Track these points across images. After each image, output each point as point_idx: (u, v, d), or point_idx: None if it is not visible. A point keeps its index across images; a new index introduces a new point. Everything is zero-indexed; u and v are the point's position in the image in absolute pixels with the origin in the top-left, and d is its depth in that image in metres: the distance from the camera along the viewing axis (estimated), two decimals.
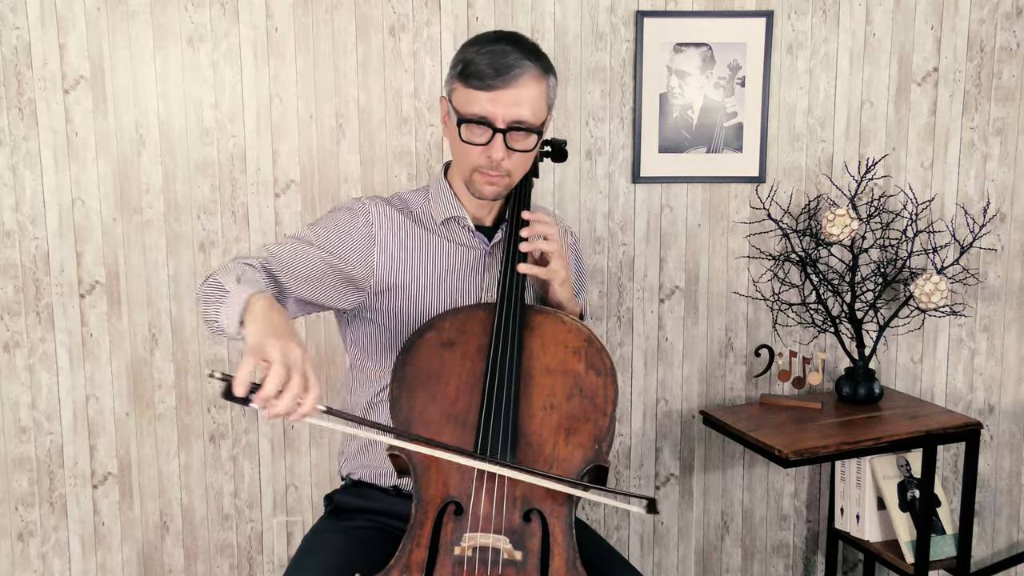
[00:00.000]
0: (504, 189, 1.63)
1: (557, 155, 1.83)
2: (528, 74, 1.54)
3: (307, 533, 1.77)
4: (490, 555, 1.43)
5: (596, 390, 1.53)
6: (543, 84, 1.58)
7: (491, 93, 1.53)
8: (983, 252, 2.56)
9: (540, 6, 2.32)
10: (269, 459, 2.41)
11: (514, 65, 1.53)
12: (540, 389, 1.52)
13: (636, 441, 2.53)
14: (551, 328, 1.56)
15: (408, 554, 1.45)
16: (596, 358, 1.54)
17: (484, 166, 1.58)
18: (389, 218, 1.67)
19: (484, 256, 1.70)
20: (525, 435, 1.50)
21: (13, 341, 2.29)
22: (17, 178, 2.24)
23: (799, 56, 2.42)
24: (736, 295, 2.51)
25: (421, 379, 1.54)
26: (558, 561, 1.44)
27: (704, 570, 2.62)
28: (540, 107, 1.58)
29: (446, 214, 1.69)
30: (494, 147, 1.55)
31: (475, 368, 1.53)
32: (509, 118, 1.54)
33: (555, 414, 1.51)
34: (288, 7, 2.26)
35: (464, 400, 1.52)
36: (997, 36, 2.47)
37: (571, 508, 1.48)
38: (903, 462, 2.43)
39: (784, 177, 2.47)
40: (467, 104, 1.55)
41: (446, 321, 1.57)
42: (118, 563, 2.41)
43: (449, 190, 1.70)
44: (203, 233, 2.31)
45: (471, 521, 1.45)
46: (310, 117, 2.30)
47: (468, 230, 1.70)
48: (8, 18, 2.18)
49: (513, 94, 1.53)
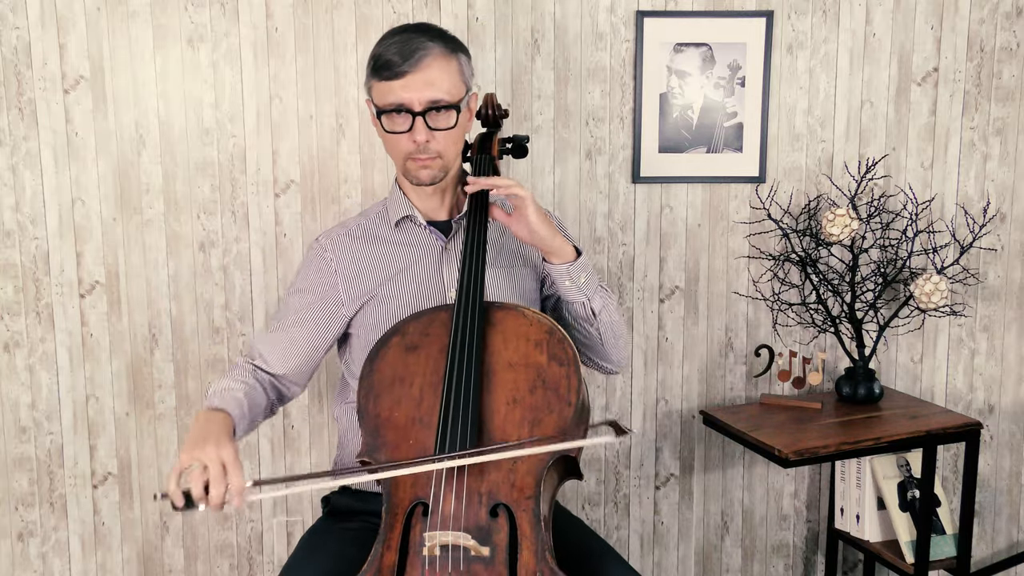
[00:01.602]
0: (440, 171, 1.67)
1: (517, 151, 1.85)
2: (432, 53, 1.60)
3: (304, 534, 1.79)
4: (457, 553, 1.45)
5: (559, 380, 1.53)
6: (453, 61, 1.63)
7: (402, 80, 1.59)
8: (983, 252, 2.56)
9: (540, 6, 2.32)
10: (269, 459, 2.41)
11: (418, 48, 1.59)
12: (502, 384, 1.53)
13: (636, 441, 2.53)
14: (512, 323, 1.57)
15: (380, 558, 1.46)
16: (558, 348, 1.54)
17: (413, 151, 1.63)
18: (342, 246, 1.76)
19: (441, 252, 1.74)
20: (489, 430, 1.51)
21: (13, 341, 2.29)
22: (17, 178, 2.24)
23: (799, 56, 2.42)
24: (736, 295, 2.51)
25: (386, 384, 1.56)
26: (527, 555, 1.44)
27: (704, 570, 2.62)
28: (454, 84, 1.63)
29: (399, 214, 1.75)
30: (417, 130, 1.61)
31: (437, 368, 1.55)
32: (424, 100, 1.60)
33: (519, 408, 1.52)
34: (288, 7, 2.26)
35: (428, 401, 1.54)
36: (997, 36, 2.47)
37: (539, 501, 1.48)
38: (903, 462, 2.43)
39: (784, 177, 2.47)
40: (383, 95, 1.62)
41: (410, 325, 1.60)
42: (118, 563, 2.41)
43: (399, 191, 1.76)
44: (203, 233, 2.31)
45: (434, 520, 1.46)
46: (310, 117, 2.30)
47: (422, 227, 1.75)
48: (8, 18, 2.18)
49: (423, 76, 1.59)
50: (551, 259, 1.66)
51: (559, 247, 1.65)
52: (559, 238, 1.65)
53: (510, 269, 1.76)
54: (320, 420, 2.41)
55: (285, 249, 2.33)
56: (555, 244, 1.64)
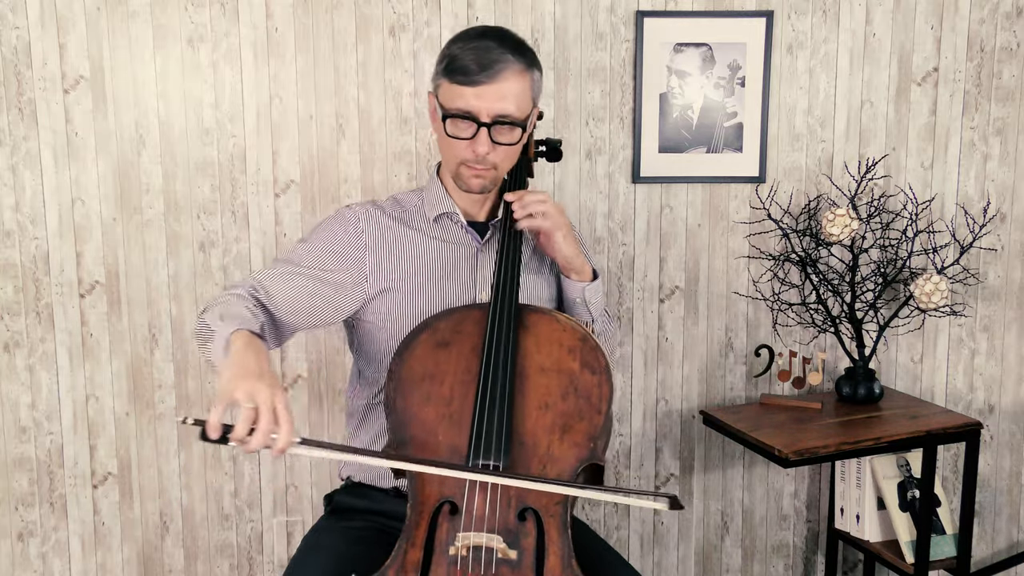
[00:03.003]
0: (491, 182, 1.65)
1: (552, 154, 1.84)
2: (511, 69, 1.56)
3: (307, 533, 1.78)
4: (484, 555, 1.44)
5: (591, 388, 1.52)
6: (527, 78, 1.60)
7: (475, 88, 1.55)
8: (983, 252, 2.56)
9: (540, 6, 2.32)
10: (269, 459, 2.41)
11: (498, 60, 1.55)
12: (535, 388, 1.52)
13: (636, 441, 2.53)
14: (546, 327, 1.56)
15: (404, 554, 1.45)
16: (591, 356, 1.54)
17: (470, 160, 1.60)
18: (377, 222, 1.69)
19: (476, 253, 1.71)
20: (519, 434, 1.50)
21: (13, 341, 2.29)
22: (17, 178, 2.24)
23: (799, 56, 2.42)
24: (736, 295, 2.51)
25: (416, 380, 1.54)
26: (553, 559, 1.44)
27: (704, 570, 2.62)
28: (524, 101, 1.60)
29: (438, 210, 1.71)
30: (479, 141, 1.58)
31: (469, 368, 1.53)
32: (493, 112, 1.56)
33: (550, 413, 1.51)
34: (288, 7, 2.26)
35: (459, 400, 1.52)
36: (997, 36, 2.47)
37: (567, 507, 1.47)
38: (903, 462, 2.43)
39: (784, 177, 2.47)
40: (452, 99, 1.58)
41: (441, 321, 1.58)
42: (118, 563, 2.41)
43: (441, 187, 1.72)
44: (203, 233, 2.31)
45: (465, 521, 1.45)
46: (310, 117, 2.30)
47: (460, 226, 1.72)
48: (8, 18, 2.18)
49: (497, 88, 1.56)
50: (570, 275, 1.71)
51: (580, 266, 1.70)
52: (581, 258, 1.70)
53: (541, 274, 1.75)
54: (320, 419, 2.41)
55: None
56: (576, 263, 1.69)
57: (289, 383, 2.38)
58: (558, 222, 1.64)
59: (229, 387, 1.32)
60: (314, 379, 2.39)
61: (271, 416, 1.29)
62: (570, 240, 1.66)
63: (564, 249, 1.66)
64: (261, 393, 1.30)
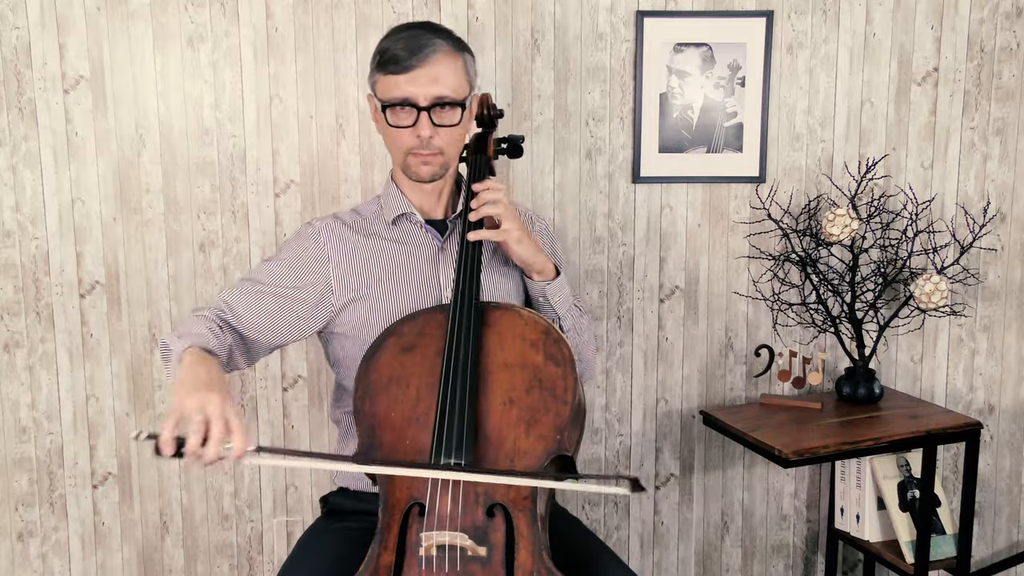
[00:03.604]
0: (440, 168, 1.68)
1: (513, 151, 1.86)
2: (441, 51, 1.61)
3: (303, 533, 1.79)
4: (454, 553, 1.44)
5: (555, 380, 1.53)
6: (459, 60, 1.65)
7: (409, 74, 1.60)
8: (983, 252, 2.56)
9: (540, 6, 2.32)
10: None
11: (427, 44, 1.60)
12: (498, 384, 1.53)
13: (636, 441, 2.53)
14: (508, 322, 1.58)
15: (376, 558, 1.46)
16: (554, 348, 1.55)
17: (415, 146, 1.64)
18: (339, 235, 1.73)
19: (438, 252, 1.73)
20: (484, 431, 1.51)
21: (13, 341, 2.29)
22: (17, 178, 2.24)
23: (799, 56, 2.42)
24: (736, 295, 2.51)
25: (383, 384, 1.55)
26: (524, 555, 1.44)
27: (704, 570, 2.62)
28: (459, 82, 1.64)
29: (396, 211, 1.74)
30: (421, 125, 1.62)
31: (434, 369, 1.55)
32: (430, 96, 1.61)
33: (515, 408, 1.52)
34: (288, 7, 2.26)
35: (424, 402, 1.54)
36: (997, 36, 2.47)
37: (535, 501, 1.47)
38: (903, 462, 2.43)
39: (784, 177, 2.47)
40: (388, 90, 1.62)
41: (406, 325, 1.60)
42: (118, 563, 2.41)
43: (396, 189, 1.75)
44: (203, 233, 2.31)
45: (429, 521, 1.46)
46: (310, 117, 2.30)
47: (419, 226, 1.74)
48: (8, 18, 2.18)
49: (429, 71, 1.60)
50: (532, 275, 1.71)
51: (540, 265, 1.70)
52: (540, 257, 1.70)
53: (505, 269, 1.77)
54: (320, 419, 2.41)
55: None
56: (536, 263, 1.69)
57: (289, 383, 2.38)
58: (509, 230, 1.64)
59: (179, 401, 1.34)
60: (314, 379, 2.39)
61: (222, 425, 1.31)
62: (526, 242, 1.67)
63: (520, 252, 1.66)
64: (210, 403, 1.32)
